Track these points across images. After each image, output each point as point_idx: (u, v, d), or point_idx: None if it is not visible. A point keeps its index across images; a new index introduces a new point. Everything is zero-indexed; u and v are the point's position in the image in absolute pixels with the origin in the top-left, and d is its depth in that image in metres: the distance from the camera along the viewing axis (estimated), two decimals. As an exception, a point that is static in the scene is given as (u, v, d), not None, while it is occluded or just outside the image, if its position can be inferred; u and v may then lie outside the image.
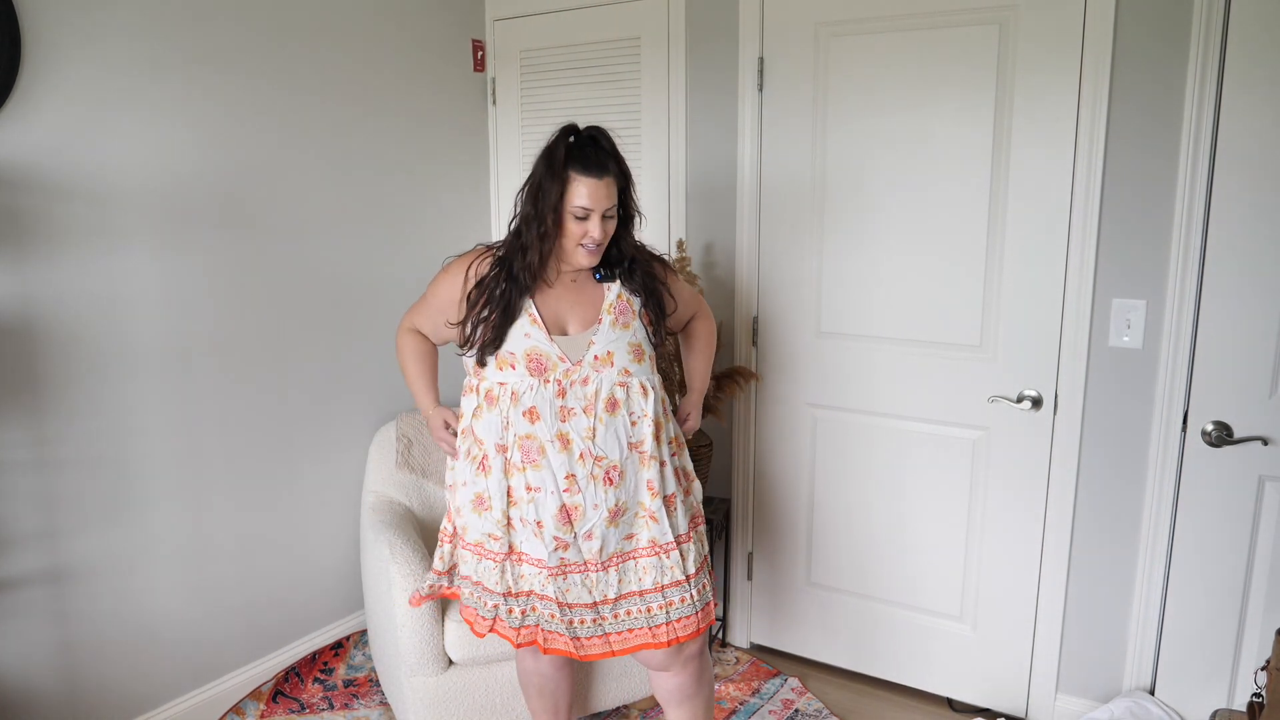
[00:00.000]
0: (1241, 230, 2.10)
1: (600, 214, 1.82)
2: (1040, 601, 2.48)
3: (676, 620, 1.90)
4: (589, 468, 1.84)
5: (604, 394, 1.85)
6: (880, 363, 2.61)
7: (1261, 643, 2.19)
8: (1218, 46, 2.07)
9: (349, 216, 2.81)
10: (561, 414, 1.84)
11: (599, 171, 1.80)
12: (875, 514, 2.70)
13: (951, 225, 2.44)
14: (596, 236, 1.83)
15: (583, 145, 1.82)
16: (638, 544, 1.91)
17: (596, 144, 1.84)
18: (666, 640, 1.89)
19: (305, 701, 2.62)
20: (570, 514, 1.85)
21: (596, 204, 1.81)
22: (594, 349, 1.87)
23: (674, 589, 1.90)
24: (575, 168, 1.80)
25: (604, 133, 1.87)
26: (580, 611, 1.90)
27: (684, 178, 2.88)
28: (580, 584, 1.89)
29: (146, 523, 2.37)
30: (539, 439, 1.84)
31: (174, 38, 2.30)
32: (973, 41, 2.34)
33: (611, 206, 1.84)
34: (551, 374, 1.85)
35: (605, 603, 1.90)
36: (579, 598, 1.90)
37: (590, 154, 1.81)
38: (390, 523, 2.47)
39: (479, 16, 3.21)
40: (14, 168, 2.03)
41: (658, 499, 1.89)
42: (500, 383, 1.87)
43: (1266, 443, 2.14)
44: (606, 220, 1.84)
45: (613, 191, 1.83)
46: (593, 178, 1.80)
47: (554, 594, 1.89)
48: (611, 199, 1.83)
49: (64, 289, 2.14)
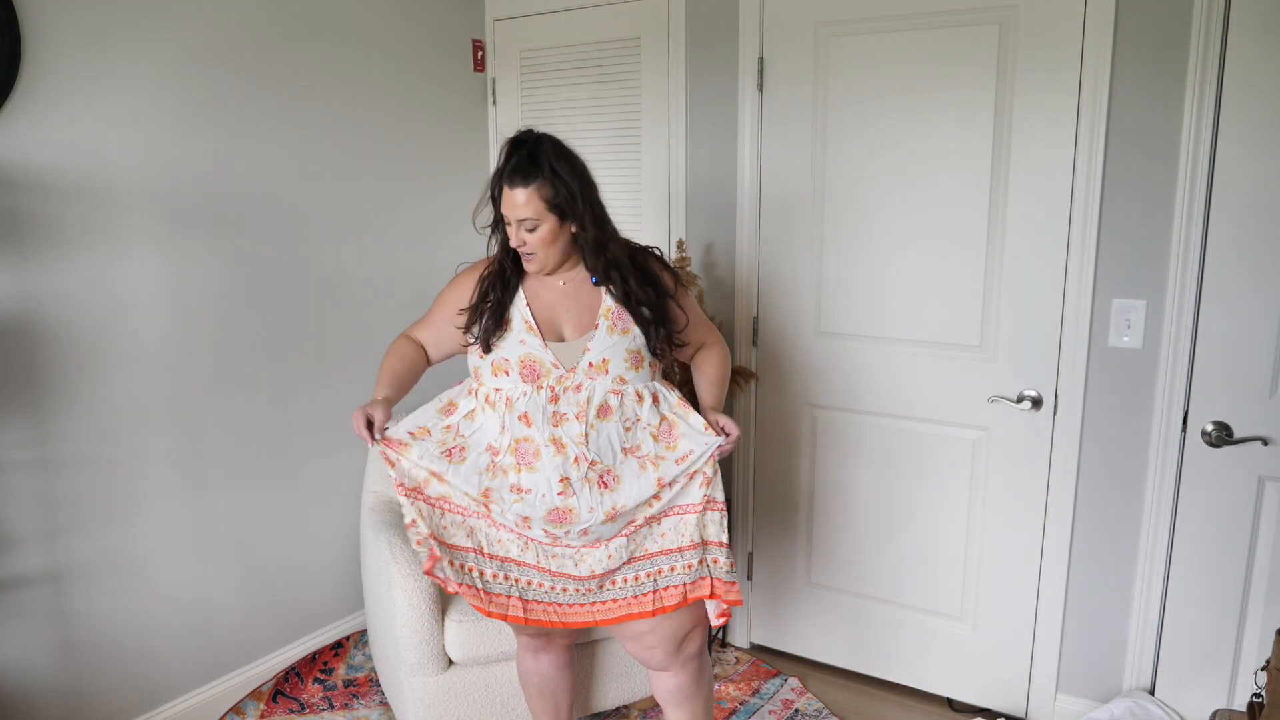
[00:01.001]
0: (1241, 230, 2.10)
1: (516, 223, 1.82)
2: (1040, 601, 2.48)
3: (665, 589, 1.88)
4: (583, 471, 1.83)
5: (596, 400, 1.85)
6: (880, 363, 2.61)
7: (1261, 643, 2.19)
8: (1218, 46, 2.07)
9: (349, 216, 2.81)
10: (554, 419, 1.84)
11: (513, 181, 1.80)
12: (875, 514, 2.70)
13: (951, 225, 2.44)
14: (514, 243, 1.85)
15: (512, 154, 1.82)
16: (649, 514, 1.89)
17: (532, 155, 1.80)
18: (651, 610, 1.87)
19: (305, 701, 2.62)
20: (564, 516, 1.84)
21: (509, 212, 1.82)
22: (589, 355, 1.86)
23: (678, 554, 1.88)
24: (502, 176, 1.82)
25: (548, 139, 1.83)
26: (563, 580, 1.89)
27: (684, 178, 2.88)
28: (566, 555, 1.88)
29: (146, 522, 2.37)
30: (535, 442, 1.84)
31: (174, 38, 2.30)
32: (973, 41, 2.34)
33: (529, 219, 1.81)
34: (545, 380, 1.85)
35: (593, 577, 1.88)
36: (563, 568, 1.88)
37: (515, 163, 1.81)
38: (390, 523, 2.47)
39: (479, 16, 3.21)
40: (14, 168, 2.03)
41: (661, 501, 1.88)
42: (496, 389, 1.88)
43: (1266, 443, 2.14)
44: (528, 232, 1.82)
45: (530, 203, 1.79)
46: (509, 187, 1.81)
47: (534, 560, 1.87)
48: (527, 210, 1.80)
49: (64, 289, 2.14)
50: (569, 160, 1.83)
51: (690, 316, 2.01)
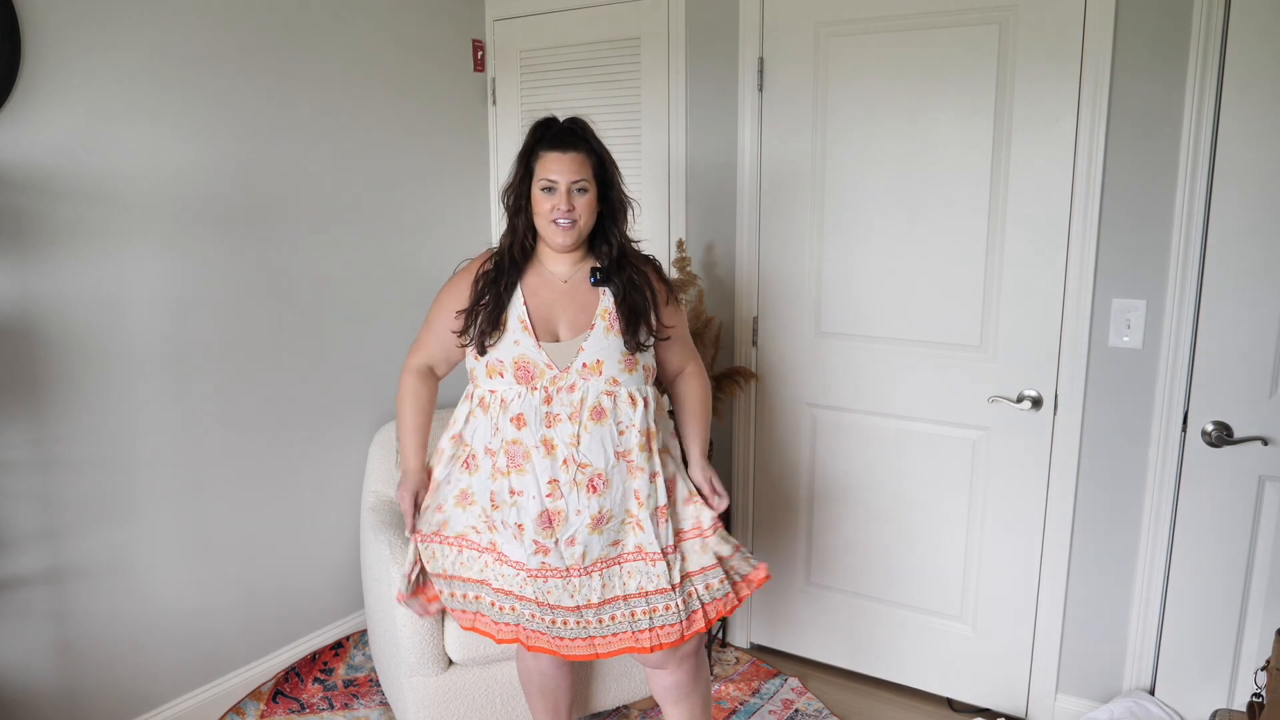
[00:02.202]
0: (1241, 230, 2.10)
1: (566, 186, 1.84)
2: (1040, 601, 2.48)
3: (660, 627, 1.88)
4: (572, 474, 1.83)
5: (590, 402, 1.85)
6: (880, 363, 2.61)
7: (1261, 643, 2.19)
8: (1218, 46, 2.07)
9: (349, 217, 2.81)
10: (547, 420, 1.84)
11: (565, 146, 1.85)
12: (875, 514, 2.70)
13: (951, 225, 2.44)
14: (563, 208, 1.84)
15: (550, 125, 1.89)
16: (624, 550, 1.90)
17: (572, 127, 1.89)
18: (649, 646, 1.88)
19: (305, 701, 2.62)
20: (552, 519, 1.84)
21: (562, 175, 1.83)
22: (583, 356, 1.86)
23: (658, 595, 1.89)
24: (543, 145, 1.86)
25: (581, 121, 1.91)
26: (561, 613, 1.89)
27: (684, 178, 2.88)
28: (561, 588, 1.88)
29: (146, 522, 2.37)
30: (524, 444, 1.84)
31: (174, 38, 2.30)
32: (973, 41, 2.34)
33: (581, 180, 1.85)
34: (539, 381, 1.85)
35: (589, 607, 1.88)
36: (560, 600, 1.89)
37: (559, 132, 1.87)
38: (390, 523, 2.47)
39: (479, 17, 3.21)
40: (14, 168, 2.03)
41: (645, 509, 1.88)
42: (491, 390, 1.89)
43: (1266, 443, 2.14)
44: (578, 194, 1.85)
45: (583, 166, 1.85)
46: (558, 151, 1.84)
47: (533, 595, 1.89)
48: (580, 173, 1.84)
49: (64, 289, 2.14)
50: (599, 137, 1.92)
51: (677, 331, 2.03)
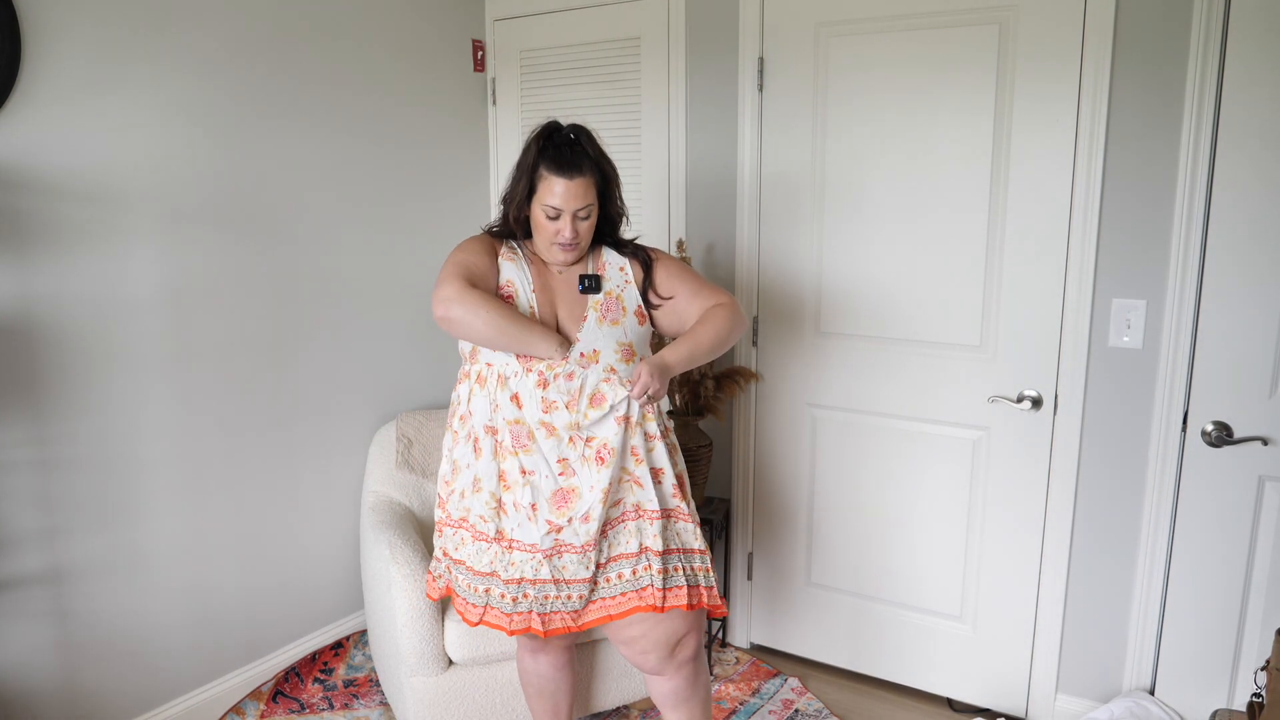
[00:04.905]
0: (1241, 230, 2.10)
1: (571, 214, 1.83)
2: (1040, 601, 2.48)
3: (669, 589, 1.86)
4: (580, 450, 1.83)
5: (588, 389, 1.84)
6: (880, 363, 2.61)
7: (1261, 643, 2.19)
8: (1218, 46, 2.07)
9: (348, 216, 2.81)
10: (544, 405, 1.83)
11: (571, 171, 1.81)
12: (875, 514, 2.70)
13: (952, 225, 2.44)
14: (568, 236, 1.84)
15: (559, 144, 1.83)
16: (624, 509, 1.89)
17: (575, 143, 1.84)
18: (658, 604, 1.84)
19: (305, 701, 2.62)
20: (567, 496, 1.84)
21: (567, 204, 1.82)
22: (579, 345, 1.86)
23: (658, 557, 1.86)
24: (547, 163, 1.81)
25: (585, 131, 1.87)
26: (577, 587, 1.88)
27: (684, 178, 2.88)
28: (577, 561, 1.87)
29: (146, 523, 2.37)
30: (527, 424, 1.84)
31: (175, 39, 2.30)
32: (973, 41, 2.34)
33: (585, 207, 1.84)
34: (535, 364, 1.84)
35: (599, 568, 1.88)
36: (575, 574, 1.87)
37: (565, 154, 1.82)
38: (390, 523, 2.47)
39: (479, 16, 3.21)
40: (14, 168, 2.03)
41: (643, 465, 1.86)
42: (488, 364, 1.87)
43: (1266, 443, 2.14)
44: (581, 220, 1.84)
45: (587, 192, 1.83)
46: (564, 177, 1.80)
47: (549, 574, 1.87)
48: (584, 199, 1.83)
49: (64, 289, 2.14)
50: (602, 147, 1.90)
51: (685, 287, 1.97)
